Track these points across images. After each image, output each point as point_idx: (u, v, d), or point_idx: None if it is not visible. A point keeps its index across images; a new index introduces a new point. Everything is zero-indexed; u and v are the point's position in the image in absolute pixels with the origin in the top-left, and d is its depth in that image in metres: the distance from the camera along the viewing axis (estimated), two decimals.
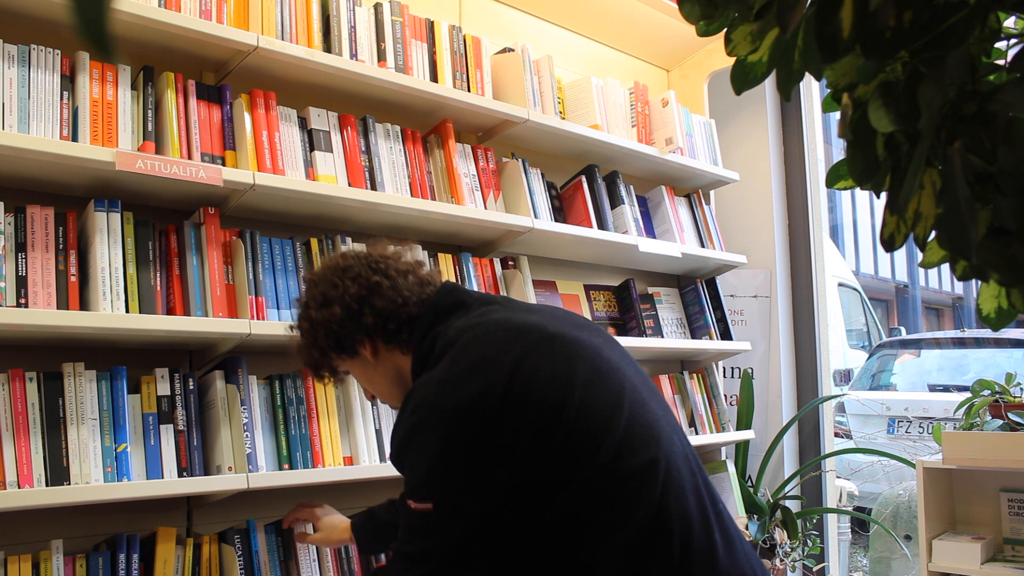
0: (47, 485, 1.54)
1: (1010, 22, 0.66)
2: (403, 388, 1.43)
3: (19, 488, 1.51)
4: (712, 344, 2.92)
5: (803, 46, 0.69)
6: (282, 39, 1.97)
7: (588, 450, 1.18)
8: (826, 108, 0.78)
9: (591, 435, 1.18)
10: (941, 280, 17.45)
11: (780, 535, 2.89)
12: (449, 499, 1.20)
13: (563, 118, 2.65)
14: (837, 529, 3.43)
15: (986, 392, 2.48)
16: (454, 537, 1.22)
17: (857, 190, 0.75)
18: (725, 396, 3.14)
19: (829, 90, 0.71)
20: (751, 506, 2.92)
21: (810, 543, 2.99)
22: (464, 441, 1.18)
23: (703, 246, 2.99)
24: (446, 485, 1.20)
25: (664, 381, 2.83)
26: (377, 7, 2.20)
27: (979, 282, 0.70)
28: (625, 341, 2.65)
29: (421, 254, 2.19)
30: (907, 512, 3.85)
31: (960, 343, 6.20)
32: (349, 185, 2.03)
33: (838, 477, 3.66)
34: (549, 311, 1.39)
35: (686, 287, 3.05)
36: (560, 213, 2.62)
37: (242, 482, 1.72)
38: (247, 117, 1.89)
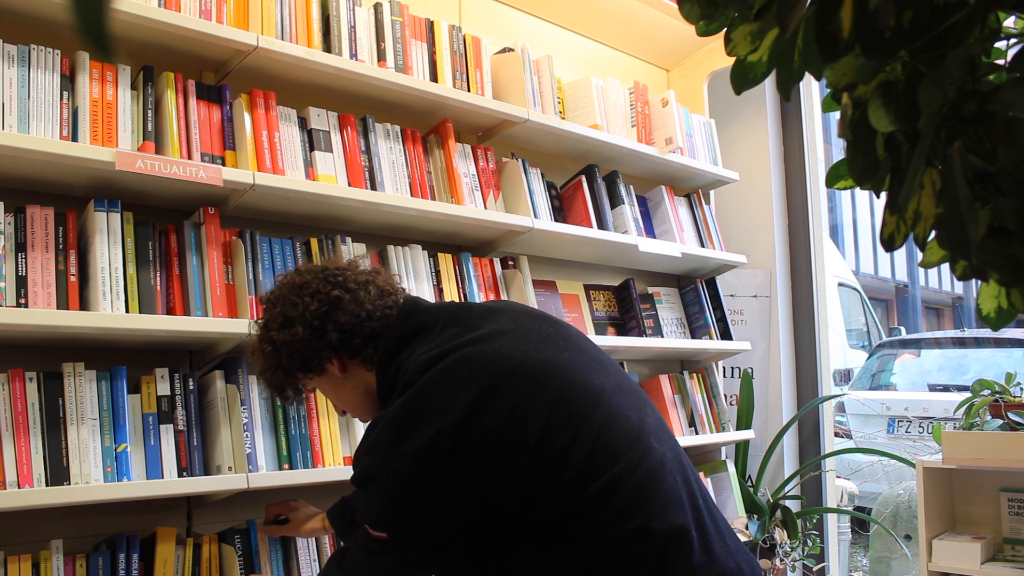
0: (47, 485, 1.54)
1: (1010, 22, 0.66)
2: (371, 403, 1.43)
3: (19, 488, 1.51)
4: (712, 344, 2.92)
5: (803, 46, 0.69)
6: (282, 39, 1.97)
7: (548, 480, 1.20)
8: (826, 108, 0.78)
9: (550, 467, 1.20)
10: (941, 280, 17.44)
11: (780, 535, 2.89)
12: (402, 533, 1.26)
13: (563, 118, 2.65)
14: (837, 529, 3.43)
15: (986, 392, 2.48)
16: (405, 562, 1.28)
17: (857, 190, 0.75)
18: (725, 396, 3.14)
19: (829, 90, 0.71)
20: (751, 506, 2.92)
21: (810, 543, 2.99)
22: (415, 484, 1.23)
23: (703, 246, 2.99)
24: (399, 522, 1.26)
25: (664, 381, 2.82)
26: (377, 7, 2.20)
27: (979, 282, 0.70)
28: (625, 341, 2.65)
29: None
30: (907, 512, 3.85)
31: (960, 343, 6.20)
32: (349, 185, 2.03)
33: (838, 477, 3.66)
34: (512, 326, 1.33)
35: (686, 287, 3.05)
36: (560, 213, 2.62)
37: (242, 482, 1.72)
38: (247, 117, 1.89)
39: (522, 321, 1.36)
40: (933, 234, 0.65)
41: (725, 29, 0.74)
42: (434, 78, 2.28)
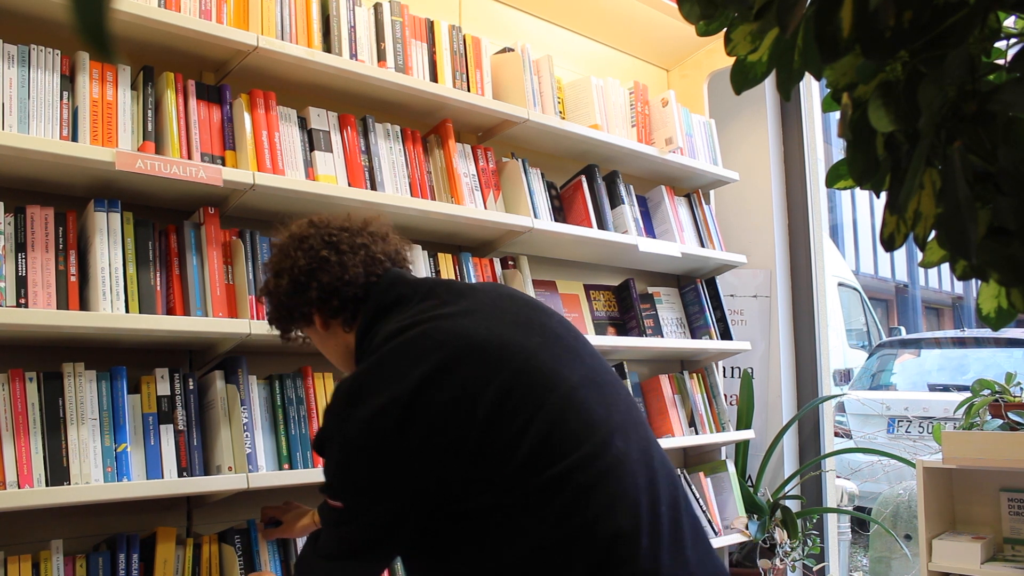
0: (47, 485, 1.54)
1: (1010, 22, 0.66)
2: (352, 363, 1.44)
3: (19, 488, 1.51)
4: (712, 344, 2.92)
5: (803, 46, 0.69)
6: (282, 39, 1.97)
7: (497, 463, 1.18)
8: (826, 108, 0.78)
9: (500, 450, 1.17)
10: (941, 280, 17.45)
11: (780, 535, 2.89)
12: (355, 501, 1.25)
13: (563, 118, 2.65)
14: (837, 529, 3.43)
15: (986, 392, 2.48)
16: (363, 532, 1.26)
17: (857, 190, 0.75)
18: (725, 396, 3.14)
19: (829, 90, 0.71)
20: (751, 506, 2.92)
21: (810, 543, 2.99)
22: (365, 451, 1.22)
23: (703, 246, 2.99)
24: (350, 489, 1.26)
25: (664, 381, 2.82)
26: (377, 7, 2.20)
27: (979, 282, 0.70)
28: (625, 341, 2.65)
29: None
30: (907, 512, 3.85)
31: (960, 343, 6.20)
32: (349, 185, 2.03)
33: (838, 477, 3.66)
34: (490, 306, 1.32)
35: (686, 287, 3.05)
36: (560, 213, 2.62)
37: (242, 482, 1.72)
38: (247, 117, 1.89)
39: (502, 303, 1.35)
40: (933, 234, 0.65)
41: (725, 29, 0.74)
42: (434, 78, 2.28)
